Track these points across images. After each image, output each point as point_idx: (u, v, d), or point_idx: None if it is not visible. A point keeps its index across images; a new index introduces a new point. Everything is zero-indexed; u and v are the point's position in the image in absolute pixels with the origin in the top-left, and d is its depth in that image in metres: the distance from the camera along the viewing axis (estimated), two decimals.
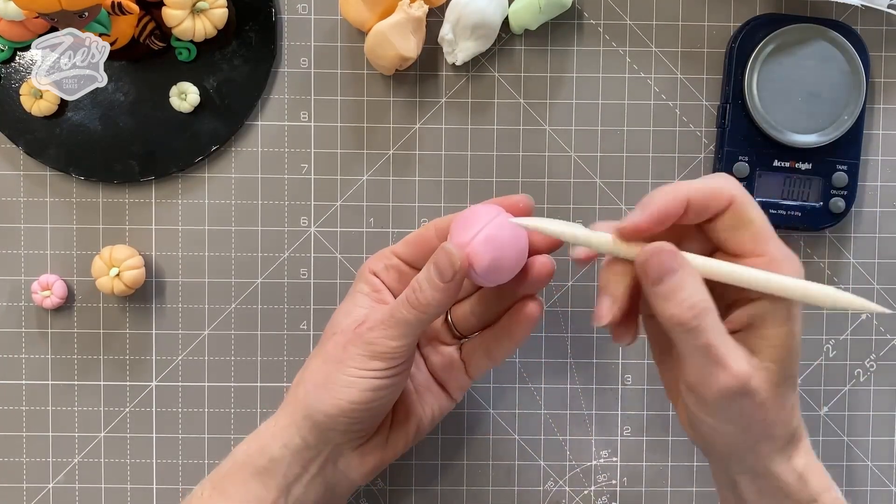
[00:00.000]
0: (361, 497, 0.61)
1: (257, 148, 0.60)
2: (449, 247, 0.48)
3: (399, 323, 0.49)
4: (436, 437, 0.61)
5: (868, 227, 0.61)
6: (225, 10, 0.56)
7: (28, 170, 0.60)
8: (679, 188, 0.45)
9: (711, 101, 0.60)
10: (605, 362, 0.61)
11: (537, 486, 0.62)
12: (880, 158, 0.61)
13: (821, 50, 0.58)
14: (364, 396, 0.49)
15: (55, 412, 0.60)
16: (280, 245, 0.60)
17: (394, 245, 0.54)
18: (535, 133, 0.60)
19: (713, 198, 0.45)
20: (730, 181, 0.46)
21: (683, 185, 0.46)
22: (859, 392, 0.62)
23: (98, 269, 0.57)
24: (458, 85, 0.60)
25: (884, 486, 0.62)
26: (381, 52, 0.56)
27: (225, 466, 0.52)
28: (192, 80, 0.59)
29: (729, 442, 0.47)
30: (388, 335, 0.49)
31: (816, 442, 0.62)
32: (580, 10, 0.60)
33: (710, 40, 0.60)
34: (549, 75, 0.60)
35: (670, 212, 0.45)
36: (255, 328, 0.60)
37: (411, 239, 0.53)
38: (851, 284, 0.61)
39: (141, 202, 0.60)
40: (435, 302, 0.48)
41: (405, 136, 0.60)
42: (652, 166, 0.60)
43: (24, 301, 0.60)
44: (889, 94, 0.61)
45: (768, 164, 0.59)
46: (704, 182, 0.46)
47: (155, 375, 0.61)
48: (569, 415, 0.61)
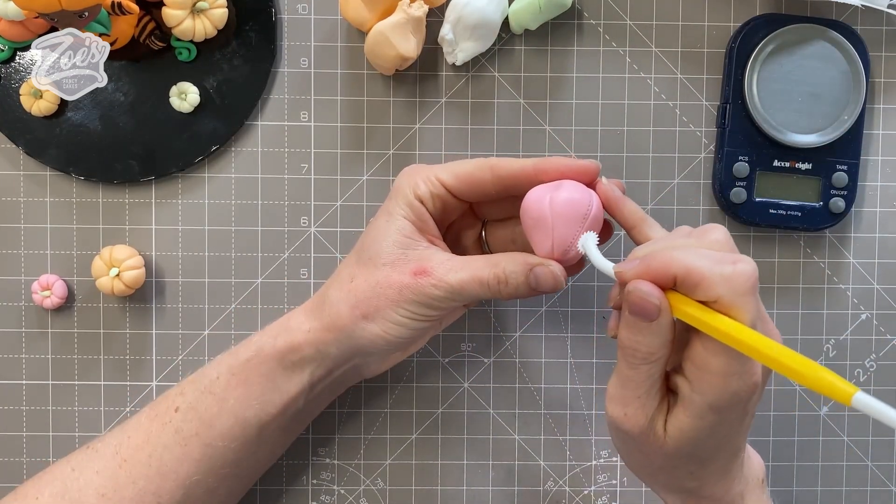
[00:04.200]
0: (361, 497, 0.61)
1: (257, 148, 0.60)
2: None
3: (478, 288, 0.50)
4: (436, 437, 0.61)
5: (868, 227, 0.61)
6: (225, 10, 0.56)
7: (28, 170, 0.60)
8: (672, 264, 0.44)
9: (711, 101, 0.60)
10: (605, 362, 0.61)
11: (537, 486, 0.62)
12: (880, 158, 0.61)
13: (821, 50, 0.58)
14: (412, 334, 0.51)
15: (55, 412, 0.60)
16: (280, 245, 0.60)
17: (436, 169, 0.52)
18: (535, 133, 0.60)
19: (696, 288, 0.44)
20: (725, 278, 0.43)
21: (676, 261, 0.44)
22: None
23: (98, 269, 0.57)
24: (458, 85, 0.60)
25: (884, 486, 0.62)
26: (381, 52, 0.56)
27: (244, 353, 0.53)
28: (192, 80, 0.59)
29: (618, 451, 0.52)
30: (451, 299, 0.50)
31: (816, 442, 0.62)
32: (580, 10, 0.60)
33: (710, 40, 0.60)
34: (549, 75, 0.60)
35: (658, 280, 0.45)
36: (255, 328, 0.60)
37: (462, 174, 0.52)
38: (851, 284, 0.61)
39: (141, 202, 0.60)
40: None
41: (405, 136, 0.60)
42: (652, 166, 0.60)
43: (24, 301, 0.60)
44: (889, 94, 0.61)
45: (768, 164, 0.59)
46: (694, 266, 0.43)
47: (155, 375, 0.61)
48: (569, 415, 0.61)
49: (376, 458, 0.61)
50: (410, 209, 0.52)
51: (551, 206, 0.49)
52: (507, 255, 0.50)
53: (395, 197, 0.52)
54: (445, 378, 0.61)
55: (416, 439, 0.61)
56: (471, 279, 0.49)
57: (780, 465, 0.62)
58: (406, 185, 0.52)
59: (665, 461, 0.48)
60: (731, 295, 0.43)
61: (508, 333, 0.61)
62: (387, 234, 0.51)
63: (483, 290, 0.50)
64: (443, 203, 0.52)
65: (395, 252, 0.51)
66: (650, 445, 0.47)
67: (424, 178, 0.52)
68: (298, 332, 0.52)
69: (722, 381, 0.44)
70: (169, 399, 0.54)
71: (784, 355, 0.41)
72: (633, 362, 0.46)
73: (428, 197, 0.52)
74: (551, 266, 0.49)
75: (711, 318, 0.43)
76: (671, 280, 0.44)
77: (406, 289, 0.50)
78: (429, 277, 0.50)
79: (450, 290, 0.50)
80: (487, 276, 0.49)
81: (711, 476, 0.49)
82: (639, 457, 0.49)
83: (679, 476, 0.49)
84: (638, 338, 0.45)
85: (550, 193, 0.49)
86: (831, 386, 0.39)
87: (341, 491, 0.61)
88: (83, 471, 0.53)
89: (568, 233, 0.49)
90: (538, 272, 0.49)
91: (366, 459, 0.61)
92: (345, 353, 0.53)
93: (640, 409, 0.46)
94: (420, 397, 0.61)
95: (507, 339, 0.61)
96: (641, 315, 0.44)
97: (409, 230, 0.51)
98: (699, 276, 0.43)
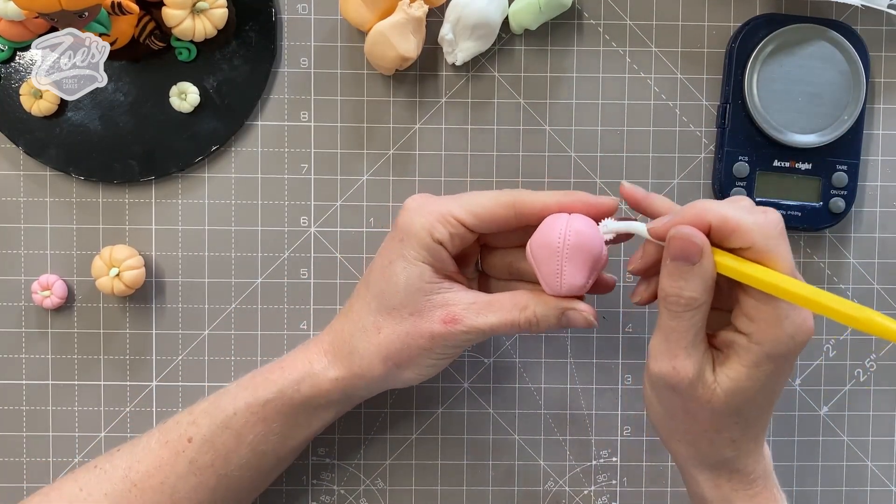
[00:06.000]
0: (361, 497, 0.61)
1: (257, 148, 0.60)
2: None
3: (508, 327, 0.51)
4: (435, 437, 0.61)
5: (868, 227, 0.61)
6: (225, 10, 0.56)
7: (28, 170, 0.60)
8: (706, 213, 0.46)
9: (711, 101, 0.60)
10: (605, 362, 0.61)
11: (537, 486, 0.62)
12: (880, 158, 0.61)
13: (821, 50, 0.58)
14: (439, 371, 0.53)
15: (55, 412, 0.60)
16: (280, 245, 0.60)
17: (451, 207, 0.51)
18: (535, 133, 0.60)
19: (732, 235, 0.46)
20: (758, 225, 0.46)
21: (711, 210, 0.46)
22: (859, 392, 0.62)
23: (98, 269, 0.57)
24: (458, 85, 0.60)
25: (884, 486, 0.62)
26: (381, 52, 0.56)
27: (264, 393, 0.53)
28: (192, 80, 0.59)
29: (657, 421, 0.52)
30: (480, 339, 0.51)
31: (816, 442, 0.62)
32: (580, 10, 0.60)
33: (710, 40, 0.60)
34: (549, 75, 0.60)
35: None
36: (255, 328, 0.60)
37: (482, 213, 0.51)
38: (851, 284, 0.61)
39: (141, 202, 0.60)
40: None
41: (405, 136, 0.60)
42: (652, 166, 0.60)
43: (24, 301, 0.60)
44: (889, 94, 0.61)
45: (768, 164, 0.59)
46: (730, 214, 0.46)
47: (155, 375, 0.61)
48: (569, 415, 0.61)
49: (376, 458, 0.61)
50: (428, 253, 0.51)
51: (563, 241, 0.49)
52: (535, 296, 0.51)
53: (408, 239, 0.51)
54: (445, 378, 0.61)
55: (416, 439, 0.61)
56: (501, 323, 0.50)
57: (780, 465, 0.61)
58: (420, 228, 0.51)
59: (711, 421, 0.48)
60: (765, 240, 0.46)
61: None
62: (408, 283, 0.51)
63: (513, 330, 0.51)
64: (461, 241, 0.52)
65: (419, 301, 0.51)
66: (698, 400, 0.48)
67: (441, 219, 0.51)
68: (324, 380, 0.52)
69: (778, 327, 0.46)
70: (181, 427, 0.53)
71: (833, 300, 0.44)
72: (677, 310, 0.47)
73: (447, 239, 0.51)
74: (582, 311, 0.51)
75: (755, 269, 0.45)
76: (706, 228, 0.46)
77: (438, 337, 0.50)
78: (459, 325, 0.50)
79: (480, 334, 0.51)
80: (519, 319, 0.50)
81: (748, 444, 0.50)
82: (683, 419, 0.49)
83: (720, 443, 0.49)
84: (680, 283, 0.46)
85: (565, 228, 0.49)
86: (882, 327, 0.42)
87: (341, 491, 0.61)
88: (91, 492, 0.53)
89: (577, 273, 0.50)
90: (571, 315, 0.51)
91: (366, 459, 0.61)
92: (372, 393, 0.55)
93: (689, 360, 0.47)
94: (420, 397, 0.61)
95: (507, 339, 0.61)
96: (684, 258, 0.46)
97: (430, 275, 0.51)
98: (735, 222, 0.46)
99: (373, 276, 0.52)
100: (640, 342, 0.61)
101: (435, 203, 0.51)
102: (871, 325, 0.43)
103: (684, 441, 0.51)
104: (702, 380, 0.47)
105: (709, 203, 0.47)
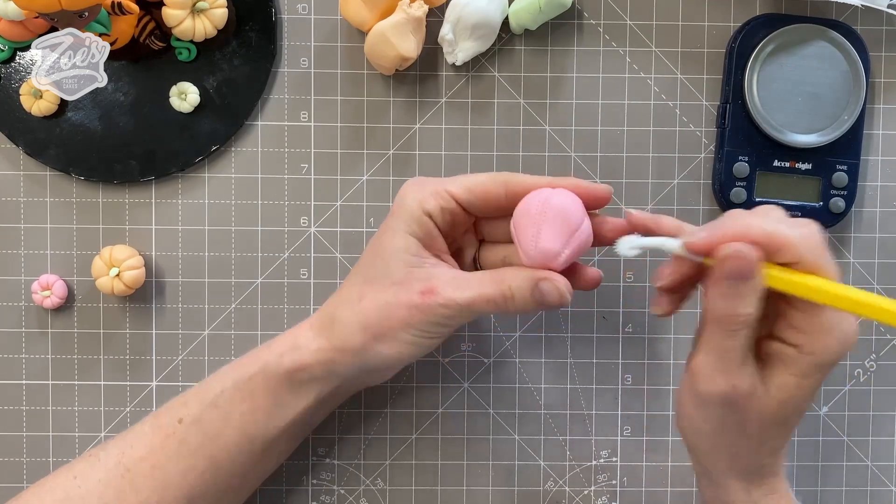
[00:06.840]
0: (361, 497, 0.61)
1: (257, 148, 0.60)
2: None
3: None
4: (436, 437, 0.61)
5: (868, 227, 0.61)
6: (225, 10, 0.56)
7: (28, 170, 0.60)
8: (750, 230, 0.45)
9: (711, 101, 0.60)
10: (605, 362, 0.61)
11: (537, 486, 0.62)
12: (880, 158, 0.61)
13: (821, 50, 0.58)
14: (424, 350, 0.52)
15: (55, 412, 0.60)
16: (280, 245, 0.60)
17: (445, 182, 0.51)
18: (535, 133, 0.60)
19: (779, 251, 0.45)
20: (804, 239, 0.46)
21: (754, 227, 0.46)
22: (859, 392, 0.62)
23: (98, 269, 0.57)
24: (458, 85, 0.60)
25: (884, 486, 0.62)
26: (381, 52, 0.56)
27: (249, 369, 0.53)
28: (192, 80, 0.59)
29: (699, 439, 0.50)
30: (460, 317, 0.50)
31: (816, 442, 0.62)
32: (580, 10, 0.60)
33: (710, 40, 0.60)
34: (549, 75, 0.60)
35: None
36: (255, 328, 0.60)
37: (475, 188, 0.51)
38: (851, 284, 0.61)
39: (141, 202, 0.60)
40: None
41: (405, 136, 0.60)
42: (652, 166, 0.60)
43: (24, 301, 0.60)
44: (889, 94, 0.61)
45: (768, 164, 0.59)
46: (775, 230, 0.45)
47: (155, 375, 0.61)
48: (569, 415, 0.61)
49: (376, 458, 0.61)
50: (417, 225, 0.51)
51: (543, 207, 0.49)
52: (512, 269, 0.50)
53: (399, 213, 0.51)
54: (445, 378, 0.61)
55: (416, 439, 0.61)
56: (478, 297, 0.49)
57: None
58: (412, 201, 0.51)
59: (760, 432, 0.48)
60: (812, 254, 0.45)
61: (508, 333, 0.61)
62: (393, 253, 0.51)
63: (491, 306, 0.50)
64: (452, 217, 0.51)
65: (402, 271, 0.50)
66: (752, 410, 0.47)
67: (433, 192, 0.51)
68: (306, 351, 0.52)
69: (830, 337, 0.46)
70: (173, 410, 0.53)
71: (892, 304, 0.43)
72: (733, 329, 0.46)
73: (437, 212, 0.51)
74: (556, 281, 0.49)
75: (810, 280, 0.45)
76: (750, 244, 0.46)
77: (415, 308, 0.50)
78: (436, 297, 0.49)
79: (458, 309, 0.50)
80: (494, 292, 0.49)
81: (782, 450, 0.50)
82: (732, 434, 0.49)
83: (763, 452, 0.49)
84: (736, 302, 0.46)
85: (546, 195, 0.49)
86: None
87: (341, 491, 0.61)
88: (85, 479, 0.53)
89: (553, 238, 0.49)
90: (543, 287, 0.49)
91: (366, 459, 0.61)
92: (353, 372, 0.53)
93: (745, 375, 0.47)
94: (420, 397, 0.61)
95: (507, 339, 0.61)
96: (740, 276, 0.45)
97: (416, 247, 0.51)
98: (783, 238, 0.45)
99: (365, 252, 0.53)
100: (640, 342, 0.61)
101: (430, 180, 0.52)
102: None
103: (727, 454, 0.50)
104: (756, 393, 0.47)
105: (747, 218, 0.46)
